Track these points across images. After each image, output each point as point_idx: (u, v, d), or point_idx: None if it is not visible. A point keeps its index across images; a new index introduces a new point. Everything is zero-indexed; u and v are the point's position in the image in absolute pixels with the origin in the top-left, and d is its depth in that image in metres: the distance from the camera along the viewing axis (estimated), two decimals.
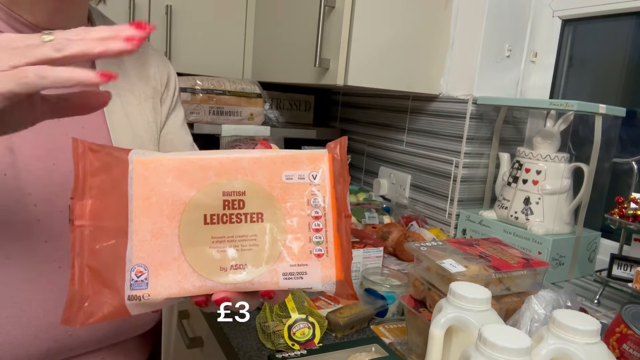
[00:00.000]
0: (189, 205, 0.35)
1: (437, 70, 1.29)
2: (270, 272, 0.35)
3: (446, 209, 1.29)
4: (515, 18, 1.23)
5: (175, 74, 0.72)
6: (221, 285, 0.35)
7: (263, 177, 0.36)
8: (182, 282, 0.34)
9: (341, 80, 1.16)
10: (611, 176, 1.14)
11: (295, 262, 0.36)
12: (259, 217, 0.36)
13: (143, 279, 0.34)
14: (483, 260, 0.69)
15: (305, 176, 0.37)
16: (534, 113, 1.28)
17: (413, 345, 0.73)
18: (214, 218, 0.35)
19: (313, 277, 0.36)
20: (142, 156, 0.36)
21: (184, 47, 1.60)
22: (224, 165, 0.36)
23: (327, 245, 0.36)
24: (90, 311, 0.34)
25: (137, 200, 0.35)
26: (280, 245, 0.36)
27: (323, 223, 0.37)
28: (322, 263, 0.36)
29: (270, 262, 0.35)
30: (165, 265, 0.35)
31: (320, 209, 0.37)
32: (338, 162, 0.38)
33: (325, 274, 0.36)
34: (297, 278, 0.35)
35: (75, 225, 0.34)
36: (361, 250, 0.97)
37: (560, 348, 0.49)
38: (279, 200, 0.36)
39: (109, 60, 0.61)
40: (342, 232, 0.37)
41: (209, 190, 0.35)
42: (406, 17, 1.21)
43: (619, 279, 0.96)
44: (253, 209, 0.36)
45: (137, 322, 0.60)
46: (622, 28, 1.13)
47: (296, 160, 0.37)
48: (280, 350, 0.73)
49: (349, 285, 0.37)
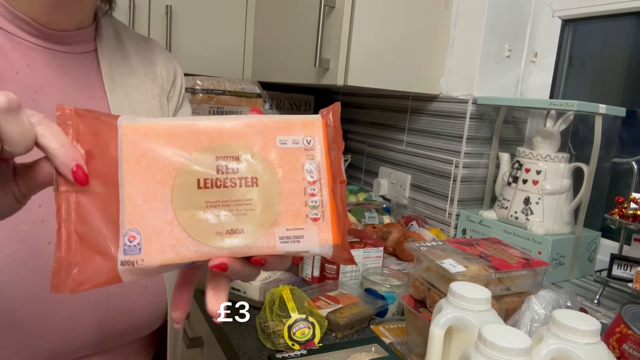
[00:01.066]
0: (181, 169, 0.34)
1: (437, 70, 1.29)
2: (266, 236, 0.35)
3: (446, 209, 1.29)
4: (515, 18, 1.23)
5: (181, 71, 0.72)
6: (217, 250, 0.34)
7: (257, 142, 0.36)
8: (176, 246, 0.34)
9: (341, 80, 1.16)
10: (611, 176, 1.14)
11: (292, 226, 0.35)
12: (254, 181, 0.35)
13: (136, 244, 0.33)
14: (483, 260, 0.69)
15: (299, 141, 0.37)
16: (534, 113, 1.28)
17: (413, 345, 0.73)
18: (207, 182, 0.35)
19: (310, 240, 0.35)
20: (131, 121, 0.35)
21: (184, 47, 1.60)
22: (217, 129, 0.35)
23: (322, 209, 0.36)
24: (80, 278, 0.33)
25: (128, 165, 0.34)
26: (276, 209, 0.35)
27: (318, 187, 0.36)
28: (318, 227, 0.35)
29: (266, 226, 0.35)
30: (159, 230, 0.34)
31: (315, 174, 0.36)
32: (332, 128, 0.38)
33: (322, 237, 0.35)
34: (294, 242, 0.35)
35: (60, 191, 0.33)
36: (361, 250, 0.97)
37: (560, 348, 0.49)
38: (274, 164, 0.36)
39: (115, 56, 0.61)
40: (338, 197, 0.37)
41: (202, 155, 0.35)
42: (406, 17, 1.21)
43: (619, 279, 0.96)
44: (247, 173, 0.35)
45: (141, 324, 0.60)
46: (622, 28, 1.13)
47: (290, 125, 0.37)
48: (280, 350, 0.73)
49: (345, 250, 0.36)
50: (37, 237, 0.50)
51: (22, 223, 0.49)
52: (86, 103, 0.57)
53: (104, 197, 0.34)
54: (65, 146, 0.32)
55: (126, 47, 0.64)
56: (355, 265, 0.81)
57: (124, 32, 0.65)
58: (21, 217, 0.49)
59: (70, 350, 0.54)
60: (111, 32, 0.63)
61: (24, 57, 0.53)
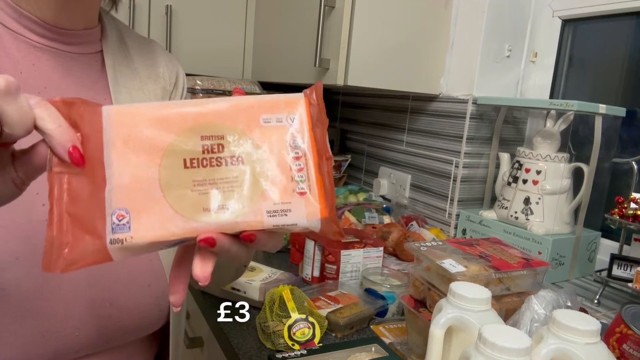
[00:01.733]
0: (167, 150, 0.35)
1: (437, 70, 1.29)
2: (254, 210, 0.35)
3: (446, 209, 1.29)
4: (515, 18, 1.23)
5: (183, 73, 0.72)
6: (205, 225, 0.34)
7: (241, 121, 0.36)
8: (165, 223, 0.34)
9: (341, 80, 1.16)
10: (611, 176, 1.14)
11: (279, 200, 0.35)
12: (239, 159, 0.36)
13: (125, 222, 0.34)
14: (483, 260, 0.69)
15: (283, 119, 0.37)
16: (534, 113, 1.28)
17: (413, 345, 0.73)
18: (193, 162, 0.35)
19: (297, 214, 0.35)
20: (117, 106, 0.36)
21: (184, 47, 1.60)
22: (201, 110, 0.36)
23: (309, 183, 0.36)
24: (71, 258, 0.33)
25: (113, 146, 0.35)
26: (263, 185, 0.36)
27: (304, 163, 0.37)
28: (305, 200, 0.36)
29: (253, 201, 0.35)
30: (147, 209, 0.34)
31: (300, 150, 0.37)
32: (315, 106, 0.38)
33: (310, 210, 0.36)
34: (281, 215, 0.35)
35: (53, 171, 0.34)
36: (361, 250, 0.97)
37: (560, 348, 0.49)
38: (259, 142, 0.36)
39: (119, 57, 0.61)
40: (324, 172, 0.37)
41: (187, 136, 0.35)
42: (406, 17, 1.21)
43: (619, 279, 0.96)
44: (233, 152, 0.36)
45: (144, 323, 0.60)
46: (622, 28, 1.13)
47: (274, 104, 0.37)
48: (280, 350, 0.73)
49: (334, 222, 0.37)
50: (41, 235, 0.50)
51: (26, 222, 0.50)
52: None
53: (94, 178, 0.35)
54: (62, 127, 0.33)
55: (129, 49, 0.64)
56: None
57: (126, 34, 0.65)
58: (25, 216, 0.49)
59: (74, 349, 0.54)
60: (114, 34, 0.63)
61: (29, 56, 0.53)
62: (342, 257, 0.95)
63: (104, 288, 0.55)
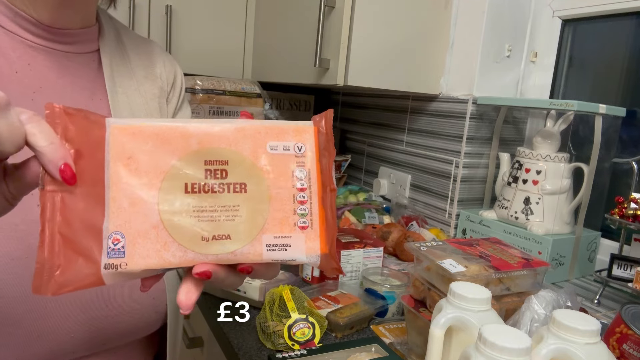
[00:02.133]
0: (169, 173, 0.34)
1: (437, 70, 1.29)
2: (253, 243, 0.34)
3: (446, 209, 1.29)
4: (515, 18, 1.23)
5: (181, 73, 0.72)
6: (202, 256, 0.34)
7: (247, 147, 0.35)
8: (161, 251, 0.33)
9: (341, 80, 1.16)
10: (611, 176, 1.14)
11: (279, 233, 0.35)
12: (242, 187, 0.35)
13: (120, 247, 0.33)
14: (483, 260, 0.69)
15: (290, 147, 0.36)
16: (534, 113, 1.28)
17: (413, 345, 0.73)
18: (195, 187, 0.34)
19: (297, 249, 0.35)
20: (120, 122, 0.34)
21: (184, 47, 1.60)
22: (207, 133, 0.35)
23: (311, 217, 0.35)
24: (62, 280, 0.32)
25: (115, 166, 0.34)
26: (264, 216, 0.35)
27: (308, 195, 0.36)
28: (306, 235, 0.35)
29: (253, 233, 0.34)
30: (144, 234, 0.33)
31: (305, 181, 0.36)
32: (324, 135, 0.37)
33: (310, 246, 0.35)
34: (280, 250, 0.35)
35: (46, 190, 0.32)
36: (361, 250, 0.97)
37: (560, 348, 0.49)
38: (263, 170, 0.35)
39: (116, 56, 0.61)
40: (327, 205, 0.36)
41: (190, 159, 0.34)
42: (406, 17, 1.21)
43: (619, 279, 0.96)
44: (236, 179, 0.35)
45: (140, 325, 0.60)
46: (622, 28, 1.13)
47: (281, 131, 0.36)
48: (280, 350, 0.73)
49: (333, 259, 0.36)
50: (36, 236, 0.50)
51: (21, 222, 0.49)
52: (86, 104, 0.56)
53: (89, 198, 0.33)
54: (54, 144, 0.32)
55: (126, 48, 0.64)
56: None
57: (124, 33, 0.65)
58: (20, 217, 0.49)
59: (69, 350, 0.54)
60: (112, 33, 0.63)
61: (24, 56, 0.53)
62: (342, 257, 0.95)
63: (100, 289, 0.55)
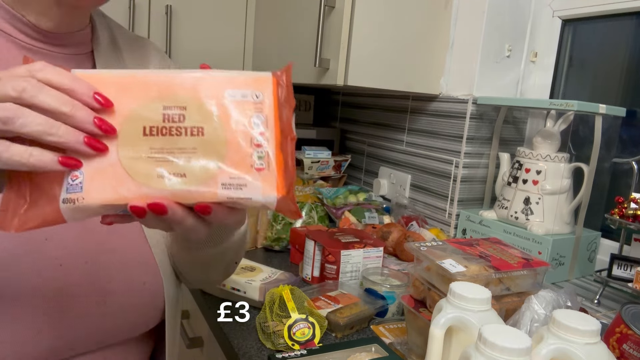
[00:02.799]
0: (128, 117, 0.35)
1: (437, 70, 1.29)
2: (208, 181, 0.35)
3: (446, 209, 1.29)
4: (515, 18, 1.23)
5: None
6: (157, 191, 0.34)
7: (205, 94, 0.36)
8: (117, 187, 0.34)
9: (341, 80, 1.16)
10: (611, 176, 1.14)
11: (236, 173, 0.35)
12: (199, 130, 0.35)
13: (78, 182, 0.34)
14: (483, 260, 0.69)
15: (248, 95, 0.37)
16: (534, 113, 1.28)
17: (413, 345, 0.73)
18: (153, 130, 0.35)
19: (253, 189, 0.35)
20: (85, 71, 0.36)
21: (184, 47, 1.60)
22: (167, 81, 0.36)
23: (268, 160, 0.36)
24: (25, 218, 0.34)
25: None
26: (220, 158, 0.35)
27: (265, 139, 0.36)
28: (262, 176, 0.35)
29: (209, 173, 0.35)
30: (102, 171, 0.35)
31: (263, 125, 0.36)
32: (284, 88, 0.38)
33: (266, 187, 0.35)
34: (236, 188, 0.35)
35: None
36: (361, 250, 0.97)
37: (560, 348, 0.49)
38: (221, 116, 0.36)
39: (110, 56, 0.61)
40: (287, 151, 0.37)
41: (149, 104, 0.36)
42: (406, 17, 1.21)
43: (619, 279, 0.96)
44: (193, 123, 0.36)
45: (139, 321, 0.60)
46: (622, 28, 1.13)
47: (241, 80, 0.37)
48: (280, 350, 0.73)
49: (291, 201, 0.36)
50: (32, 233, 0.50)
51: None
52: None
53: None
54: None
55: (120, 48, 0.64)
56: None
57: (118, 32, 0.65)
58: None
59: (69, 347, 0.54)
60: (106, 33, 0.63)
61: (19, 57, 0.53)
62: (342, 257, 0.95)
63: (99, 286, 0.55)
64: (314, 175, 1.58)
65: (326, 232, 1.04)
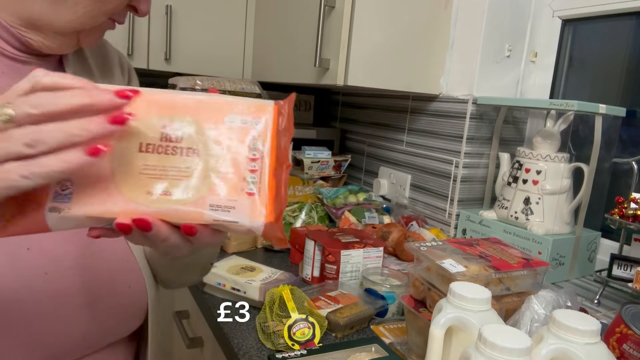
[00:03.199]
0: (126, 132, 0.35)
1: (437, 70, 1.29)
2: (197, 202, 0.35)
3: (446, 209, 1.29)
4: (515, 18, 1.23)
5: (134, 70, 0.72)
6: (144, 207, 0.35)
7: (206, 117, 0.37)
8: (105, 201, 0.34)
9: (341, 80, 1.16)
10: (611, 176, 1.14)
11: (225, 196, 0.35)
12: (195, 152, 0.36)
13: (67, 192, 0.34)
14: (483, 260, 0.69)
15: (248, 122, 0.37)
16: (534, 113, 1.28)
17: (413, 345, 0.73)
18: (149, 147, 0.35)
19: (241, 212, 0.35)
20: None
21: (184, 47, 1.60)
22: (169, 102, 0.36)
23: (260, 186, 0.36)
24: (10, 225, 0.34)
25: None
26: (212, 179, 0.36)
27: (259, 165, 0.36)
28: (251, 201, 0.35)
29: (199, 194, 0.35)
30: (92, 184, 0.34)
31: (259, 152, 0.37)
32: (284, 117, 0.38)
33: (255, 212, 0.35)
34: (224, 210, 0.35)
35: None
36: (361, 250, 0.97)
37: (560, 348, 0.50)
38: (218, 139, 0.36)
39: (76, 62, 0.62)
40: (280, 179, 0.37)
41: (148, 122, 0.36)
42: (406, 17, 1.21)
43: (619, 279, 0.96)
44: (190, 144, 0.36)
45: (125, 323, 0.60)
46: (622, 28, 1.13)
47: (242, 106, 0.37)
48: (280, 350, 0.73)
49: (279, 229, 0.36)
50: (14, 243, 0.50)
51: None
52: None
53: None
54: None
55: (86, 56, 0.64)
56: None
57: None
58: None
59: (63, 352, 0.54)
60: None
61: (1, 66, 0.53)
62: (342, 257, 0.95)
63: (85, 291, 0.55)
64: (314, 175, 1.58)
65: (326, 232, 1.04)
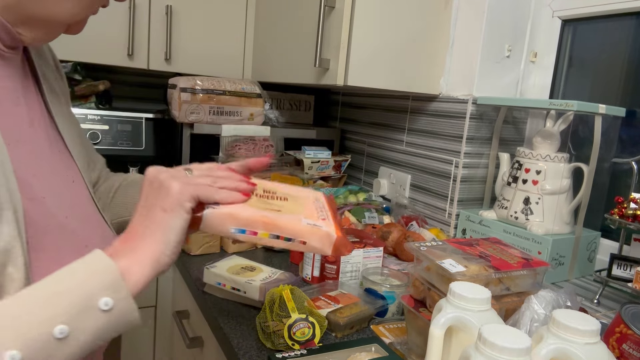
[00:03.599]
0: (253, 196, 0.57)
1: (437, 70, 1.29)
2: (295, 215, 0.54)
3: (446, 209, 1.29)
4: (515, 18, 1.23)
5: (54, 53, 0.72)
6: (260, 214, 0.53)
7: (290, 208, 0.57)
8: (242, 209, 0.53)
9: (341, 80, 1.16)
10: (611, 176, 1.14)
11: (310, 219, 0.54)
12: (284, 199, 0.58)
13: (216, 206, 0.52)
14: (483, 260, 0.69)
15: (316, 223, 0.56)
16: (534, 113, 1.28)
17: (413, 345, 0.73)
18: (260, 196, 0.57)
19: (322, 227, 0.53)
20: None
21: (184, 47, 1.60)
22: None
23: (327, 216, 0.57)
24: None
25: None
26: (299, 211, 0.56)
27: (325, 211, 0.58)
28: (326, 223, 0.54)
29: (294, 212, 0.55)
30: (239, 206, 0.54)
31: (323, 210, 0.59)
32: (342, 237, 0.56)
33: (329, 229, 0.54)
34: (312, 226, 0.53)
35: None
36: (361, 250, 0.97)
37: (560, 348, 0.50)
38: (299, 197, 0.60)
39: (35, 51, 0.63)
40: (338, 220, 0.57)
41: (260, 187, 0.59)
42: (406, 17, 1.21)
43: (618, 279, 0.97)
44: (281, 195, 0.59)
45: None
46: (622, 28, 1.13)
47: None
48: (280, 350, 0.73)
49: (345, 239, 0.54)
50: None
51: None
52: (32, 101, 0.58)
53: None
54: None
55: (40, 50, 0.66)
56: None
57: None
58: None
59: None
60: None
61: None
62: (342, 257, 0.95)
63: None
64: (314, 175, 1.58)
65: None
